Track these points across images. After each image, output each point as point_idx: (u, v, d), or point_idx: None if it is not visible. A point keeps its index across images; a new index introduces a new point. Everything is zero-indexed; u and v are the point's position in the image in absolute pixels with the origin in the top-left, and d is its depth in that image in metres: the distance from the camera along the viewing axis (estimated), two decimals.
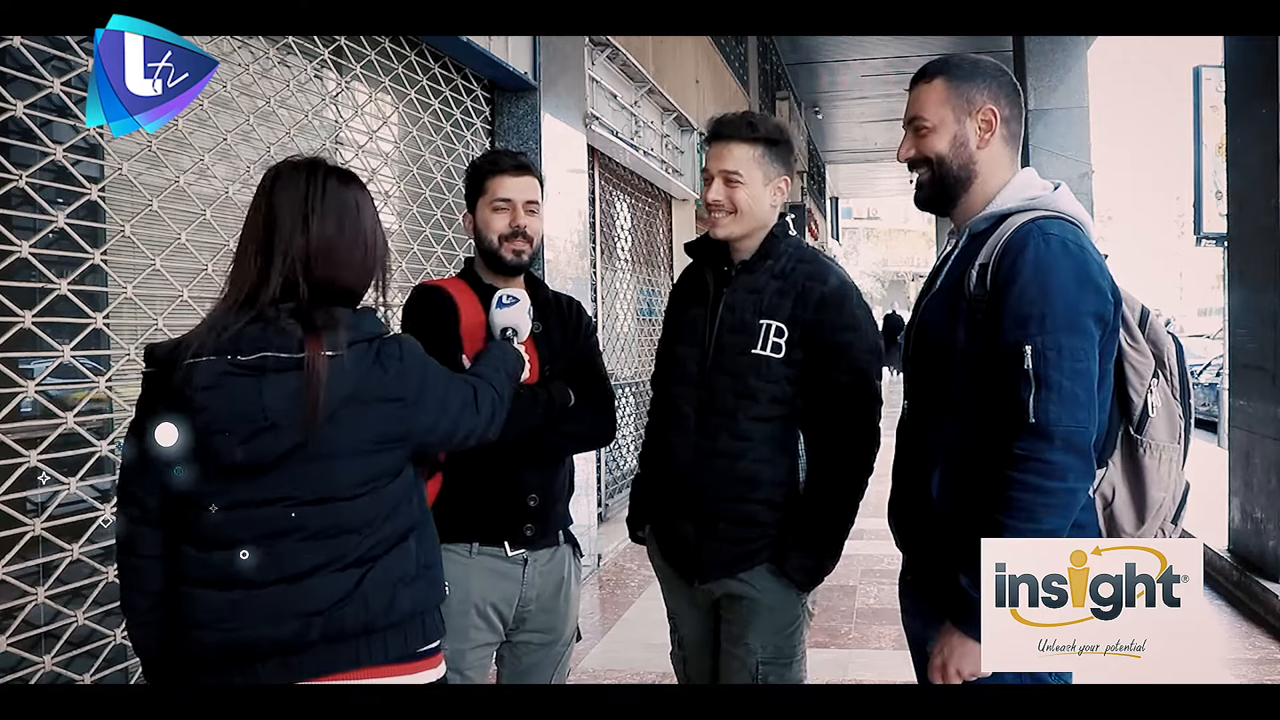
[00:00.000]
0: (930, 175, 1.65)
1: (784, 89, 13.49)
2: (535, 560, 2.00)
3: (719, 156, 1.94)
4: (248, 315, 1.33)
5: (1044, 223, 1.52)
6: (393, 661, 1.36)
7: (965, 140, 1.62)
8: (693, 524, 1.94)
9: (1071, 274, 1.47)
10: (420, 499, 1.47)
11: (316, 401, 1.28)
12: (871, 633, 4.10)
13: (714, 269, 2.01)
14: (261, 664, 1.31)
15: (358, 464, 1.33)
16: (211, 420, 1.28)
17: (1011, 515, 1.44)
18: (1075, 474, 1.44)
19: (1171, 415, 1.60)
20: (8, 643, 2.13)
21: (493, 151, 2.18)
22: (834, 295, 1.91)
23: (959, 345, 1.55)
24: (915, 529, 1.66)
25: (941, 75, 1.64)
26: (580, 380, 2.03)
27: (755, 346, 1.90)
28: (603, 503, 6.21)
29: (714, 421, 1.92)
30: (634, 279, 7.40)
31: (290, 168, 1.40)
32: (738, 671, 1.97)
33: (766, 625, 1.93)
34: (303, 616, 1.30)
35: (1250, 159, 5.03)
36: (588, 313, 2.18)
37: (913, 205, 1.78)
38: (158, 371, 1.34)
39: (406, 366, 1.38)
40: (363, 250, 1.41)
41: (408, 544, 1.39)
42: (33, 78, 2.19)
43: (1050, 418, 1.43)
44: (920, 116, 1.64)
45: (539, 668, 2.04)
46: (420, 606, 1.40)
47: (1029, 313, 1.46)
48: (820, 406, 1.92)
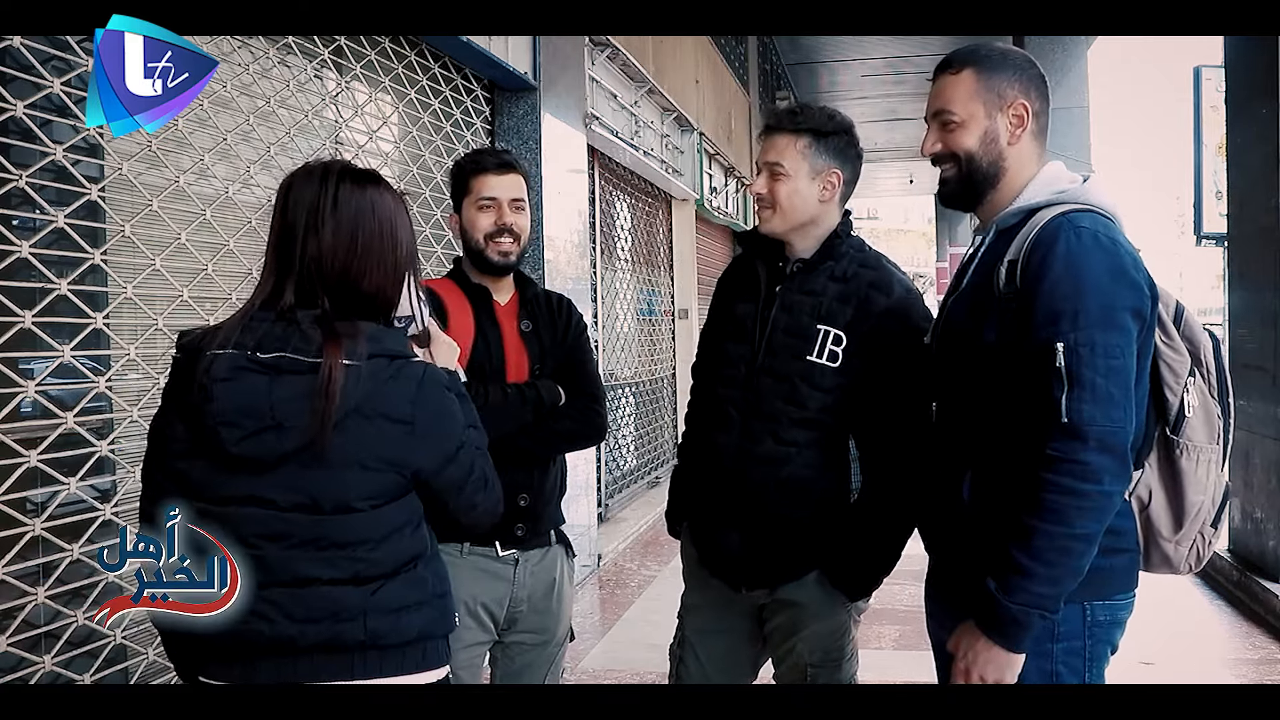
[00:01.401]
0: (957, 172, 1.59)
1: (784, 89, 13.48)
2: (527, 560, 1.99)
3: (765, 149, 1.88)
4: (271, 315, 1.32)
5: (1075, 216, 1.47)
6: (388, 676, 1.34)
7: (996, 136, 1.56)
8: (738, 532, 1.88)
9: (1105, 268, 1.42)
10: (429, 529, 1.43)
11: (328, 407, 1.27)
12: (872, 633, 4.10)
13: (767, 264, 1.93)
14: (261, 660, 1.31)
15: (353, 477, 1.31)
16: (220, 411, 1.27)
17: (1044, 519, 1.39)
18: (1110, 476, 1.39)
19: (1209, 415, 1.56)
20: (8, 643, 2.13)
21: (476, 150, 2.14)
22: (899, 306, 1.84)
23: (988, 344, 1.50)
24: (945, 533, 1.62)
25: (971, 66, 1.56)
26: (571, 379, 2.02)
27: (811, 353, 1.82)
28: (603, 503, 6.21)
29: (758, 425, 1.85)
30: (634, 279, 7.40)
31: (305, 173, 1.38)
32: (788, 672, 1.95)
33: (814, 632, 1.89)
34: (298, 622, 1.29)
35: (1250, 159, 5.03)
36: (578, 311, 2.16)
37: (913, 205, 1.76)
38: (184, 359, 1.34)
39: (421, 393, 1.34)
40: (381, 251, 1.37)
41: (415, 570, 1.37)
42: (33, 78, 2.18)
43: (1084, 417, 1.38)
44: (948, 110, 1.57)
45: (532, 668, 2.04)
46: (426, 634, 1.37)
47: (1060, 309, 1.41)
48: (878, 417, 1.84)
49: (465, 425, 1.41)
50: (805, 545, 1.87)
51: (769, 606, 1.94)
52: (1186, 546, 1.56)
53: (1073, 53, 9.37)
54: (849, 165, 1.90)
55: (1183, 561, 1.57)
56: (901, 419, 1.82)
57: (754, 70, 11.58)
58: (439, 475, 1.37)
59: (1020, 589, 1.40)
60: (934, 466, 1.65)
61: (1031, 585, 1.40)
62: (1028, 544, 1.40)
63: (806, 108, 1.91)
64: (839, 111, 1.92)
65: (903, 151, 18.75)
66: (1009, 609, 1.41)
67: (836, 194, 1.89)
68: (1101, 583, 1.48)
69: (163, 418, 1.36)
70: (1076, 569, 1.41)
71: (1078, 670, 1.49)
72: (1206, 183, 8.97)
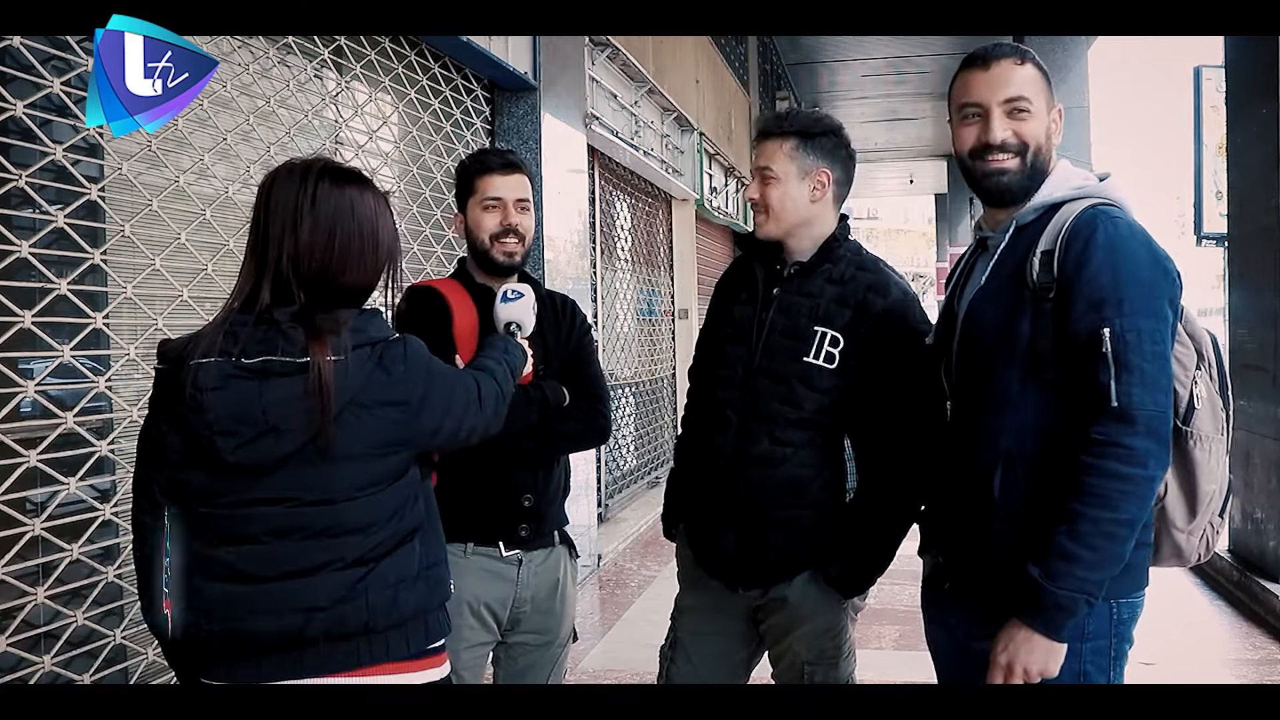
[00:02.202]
0: (1020, 163, 1.58)
1: (784, 89, 13.47)
2: (530, 561, 1.99)
3: (757, 154, 1.91)
4: (250, 318, 1.33)
5: (1105, 208, 1.50)
6: (394, 660, 1.36)
7: (1050, 132, 1.59)
8: (734, 532, 1.89)
9: (1143, 257, 1.45)
10: (427, 499, 1.46)
11: (327, 406, 1.28)
12: (872, 633, 4.10)
13: (765, 266, 1.94)
14: (265, 657, 1.31)
15: (359, 467, 1.33)
16: (214, 421, 1.28)
17: (1089, 504, 1.39)
18: (1155, 460, 1.40)
19: (1215, 407, 1.57)
20: (7, 643, 2.13)
21: (481, 151, 2.14)
22: (897, 309, 1.85)
23: (1022, 338, 1.50)
24: (965, 533, 1.60)
25: (1031, 61, 1.59)
26: (575, 379, 2.02)
27: (808, 354, 1.83)
28: (603, 503, 6.21)
29: (755, 426, 1.86)
30: (634, 279, 7.40)
31: (285, 171, 1.38)
32: (785, 670, 1.96)
33: (810, 629, 1.90)
34: (304, 612, 1.30)
35: (1250, 159, 5.03)
36: (582, 311, 2.17)
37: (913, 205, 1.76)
38: (168, 369, 1.34)
39: (410, 369, 1.37)
40: (360, 250, 1.38)
41: (412, 544, 1.39)
42: (33, 78, 2.19)
43: (1134, 401, 1.39)
44: (1025, 98, 1.57)
45: (535, 669, 2.04)
46: (423, 606, 1.39)
47: (1105, 296, 1.43)
48: (875, 418, 1.85)
49: (451, 377, 1.46)
50: (802, 544, 1.87)
51: (764, 606, 1.95)
52: (1198, 537, 1.58)
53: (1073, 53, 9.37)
54: (839, 165, 1.91)
55: (1194, 552, 1.59)
56: (898, 419, 1.83)
57: (754, 70, 11.58)
58: (440, 431, 1.42)
59: (1066, 574, 1.40)
60: (947, 466, 1.64)
61: (1077, 570, 1.40)
62: (1073, 529, 1.40)
63: (794, 110, 1.93)
64: (827, 114, 1.95)
65: (903, 151, 18.74)
66: (1055, 595, 1.40)
67: (828, 194, 1.90)
68: (1125, 578, 1.49)
69: (153, 428, 1.36)
70: (1120, 554, 1.41)
71: (1104, 669, 1.50)
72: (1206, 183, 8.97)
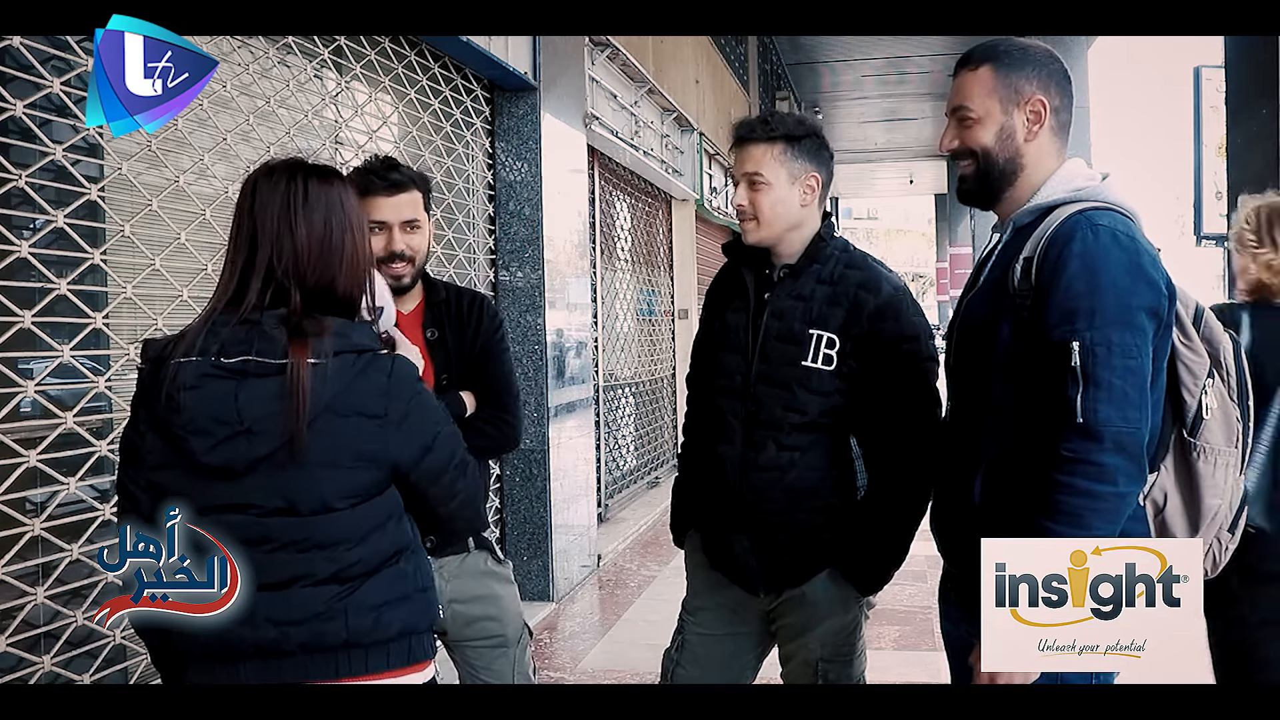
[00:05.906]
0: (974, 169, 1.58)
1: (784, 89, 13.48)
2: (442, 568, 1.98)
3: (741, 160, 1.89)
4: (233, 318, 1.31)
5: (1093, 214, 1.45)
6: (374, 672, 1.33)
7: (1012, 133, 1.55)
8: (749, 538, 1.88)
9: (1122, 266, 1.40)
10: (411, 521, 1.42)
11: (300, 409, 1.25)
12: (872, 633, 4.09)
13: (754, 271, 1.94)
14: (243, 663, 1.30)
15: (330, 476, 1.29)
16: (189, 421, 1.26)
17: (1057, 520, 1.37)
18: (1126, 477, 1.36)
19: (1228, 418, 1.53)
20: (7, 643, 2.13)
21: (364, 169, 1.95)
22: (889, 305, 1.84)
23: (1002, 343, 1.49)
24: (958, 533, 1.59)
25: (989, 63, 1.56)
26: (482, 384, 1.99)
27: (805, 358, 1.83)
28: (602, 503, 6.20)
29: (760, 434, 1.86)
30: (634, 279, 7.40)
31: (268, 171, 1.36)
32: (797, 669, 1.96)
33: (825, 628, 1.90)
34: (279, 625, 1.28)
35: (1250, 159, 5.03)
36: (493, 309, 2.09)
37: (913, 205, 1.76)
38: (150, 368, 1.33)
39: (395, 384, 1.33)
40: (352, 248, 1.37)
41: (398, 566, 1.36)
42: (33, 78, 2.19)
43: (1100, 417, 1.35)
44: (965, 106, 1.57)
45: (491, 670, 2.05)
46: (409, 627, 1.36)
47: (1076, 307, 1.39)
48: (880, 416, 1.85)
49: (440, 414, 1.41)
50: (816, 546, 1.87)
51: (779, 606, 1.95)
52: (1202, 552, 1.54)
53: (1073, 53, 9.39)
54: (824, 167, 1.92)
55: None
56: (902, 415, 1.83)
57: (754, 70, 11.58)
58: (417, 466, 1.36)
59: None
60: (945, 466, 1.64)
61: None
62: None
63: (774, 114, 1.93)
64: (806, 115, 1.96)
65: (903, 151, 18.72)
66: None
67: (816, 196, 1.91)
68: None
69: (133, 429, 1.35)
70: None
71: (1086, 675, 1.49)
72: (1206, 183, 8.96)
